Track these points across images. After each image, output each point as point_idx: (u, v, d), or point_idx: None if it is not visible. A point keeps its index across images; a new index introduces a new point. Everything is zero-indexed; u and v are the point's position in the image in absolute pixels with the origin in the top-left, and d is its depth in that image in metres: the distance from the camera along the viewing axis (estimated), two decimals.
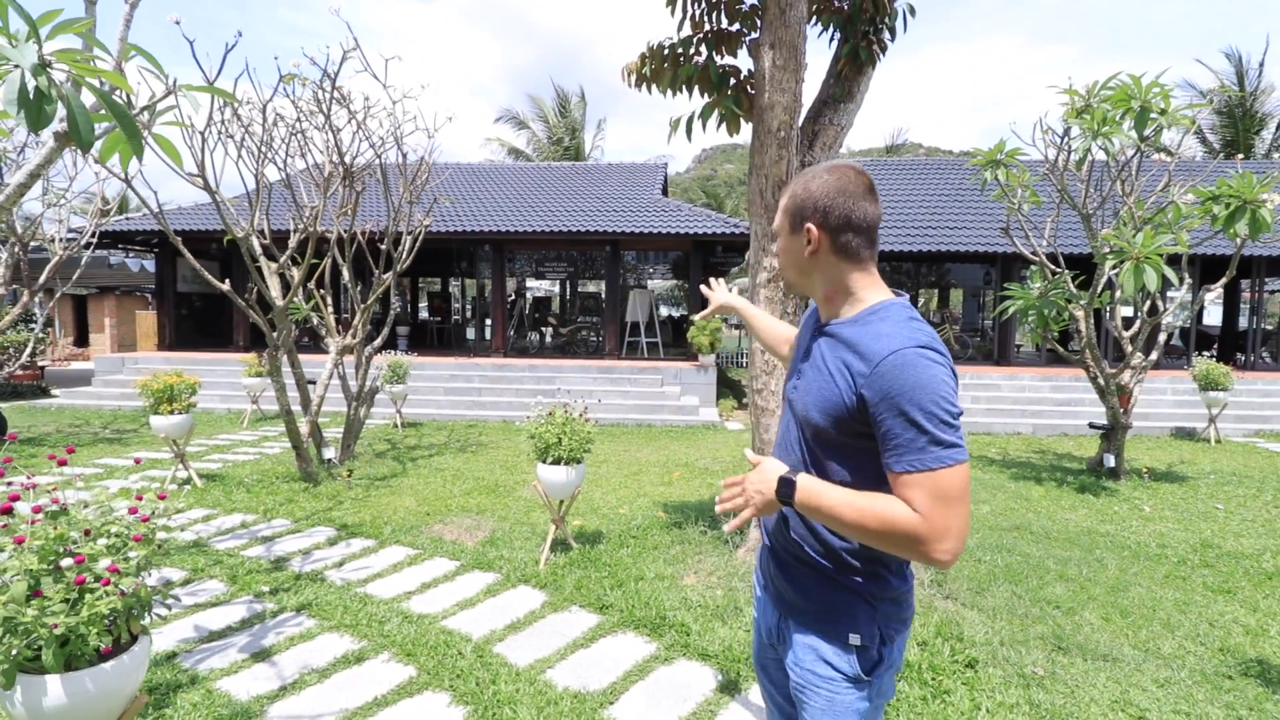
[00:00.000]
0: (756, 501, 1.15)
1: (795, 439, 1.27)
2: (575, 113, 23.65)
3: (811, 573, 1.24)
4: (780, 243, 1.28)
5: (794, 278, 1.28)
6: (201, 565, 3.98)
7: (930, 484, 1.03)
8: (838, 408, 1.14)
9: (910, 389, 1.04)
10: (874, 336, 1.12)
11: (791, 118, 3.38)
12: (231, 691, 2.66)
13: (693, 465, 7.02)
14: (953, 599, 3.51)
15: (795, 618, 1.27)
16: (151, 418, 5.80)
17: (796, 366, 1.32)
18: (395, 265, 6.74)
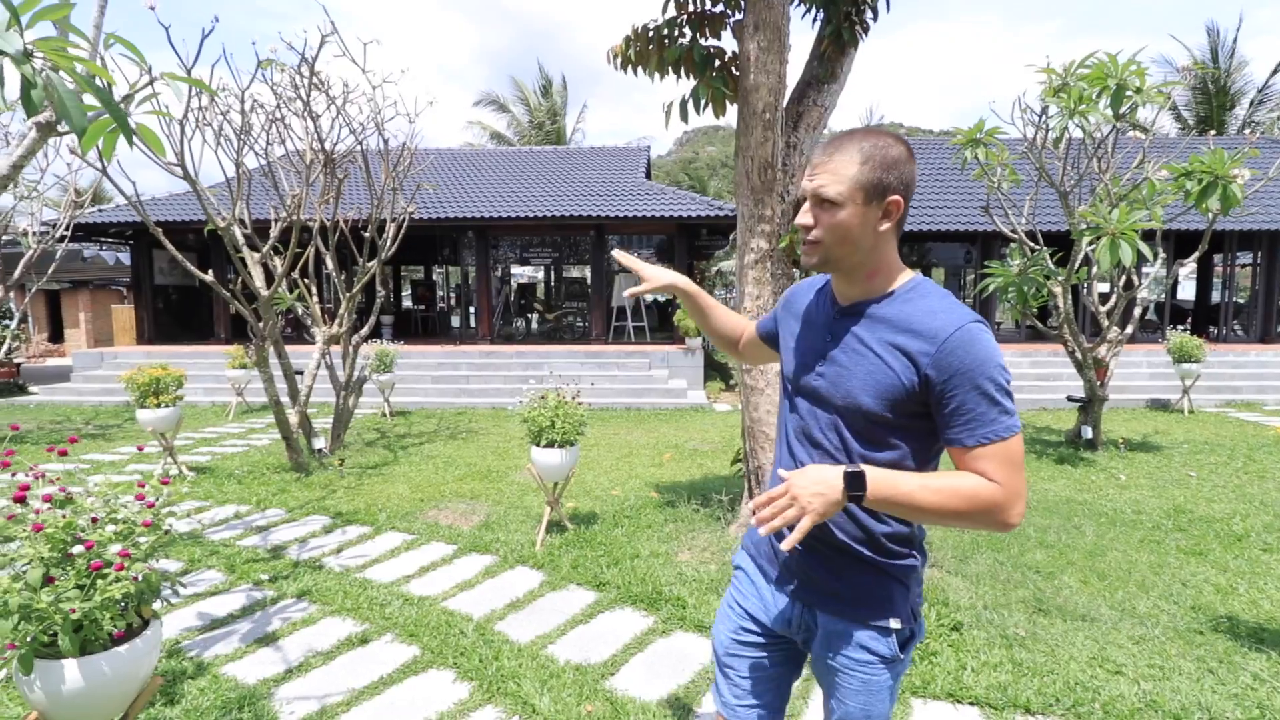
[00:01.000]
0: (817, 506, 1.04)
1: (827, 428, 1.20)
2: (556, 96, 23.40)
3: (849, 560, 1.20)
4: (843, 215, 1.11)
5: (844, 253, 1.15)
6: (198, 556, 3.99)
7: (1004, 453, 1.06)
8: (895, 390, 1.11)
9: (981, 363, 1.07)
10: (928, 314, 1.12)
11: (776, 99, 3.41)
12: (238, 676, 2.70)
13: (683, 447, 7.10)
14: (938, 567, 3.63)
15: (827, 607, 1.23)
16: (139, 411, 5.75)
17: (815, 354, 1.23)
18: (380, 253, 6.70)
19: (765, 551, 1.34)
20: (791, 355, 1.31)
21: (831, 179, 1.11)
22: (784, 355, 1.35)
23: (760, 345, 1.52)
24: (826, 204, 1.13)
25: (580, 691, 2.55)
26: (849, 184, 1.11)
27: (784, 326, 1.37)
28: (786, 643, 1.34)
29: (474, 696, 2.54)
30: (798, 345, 1.30)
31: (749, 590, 1.36)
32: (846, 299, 1.22)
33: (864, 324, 1.17)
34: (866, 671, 1.21)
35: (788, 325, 1.35)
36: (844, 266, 1.17)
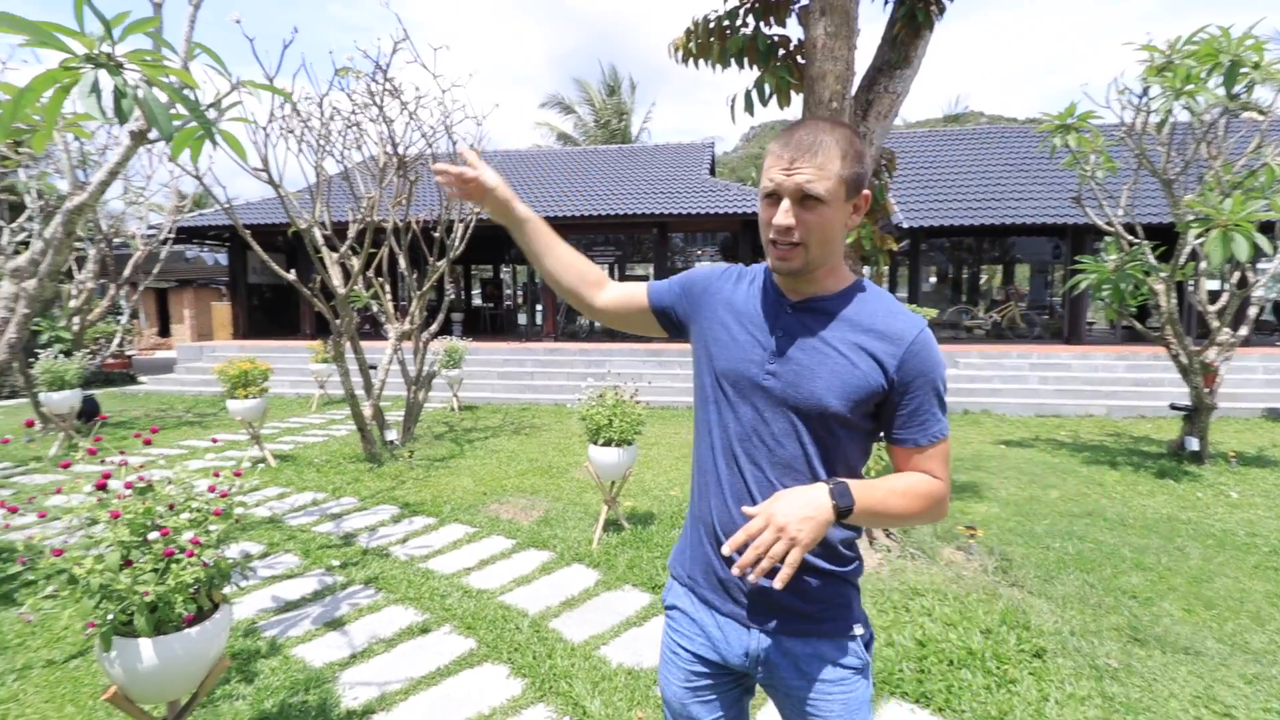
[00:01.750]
0: (808, 533, 0.96)
1: (783, 435, 1.11)
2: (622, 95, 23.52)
3: (810, 574, 1.12)
4: (828, 213, 1.04)
5: (824, 255, 1.08)
6: (277, 540, 4.22)
7: (945, 452, 1.12)
8: (862, 390, 1.07)
9: (936, 366, 1.09)
10: (889, 315, 1.10)
11: (844, 87, 3.25)
12: (306, 658, 2.81)
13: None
14: (1019, 586, 3.38)
15: (792, 629, 1.13)
16: (229, 402, 6.15)
17: (761, 351, 1.12)
18: (448, 253, 6.89)
19: (709, 581, 1.19)
20: (723, 350, 1.17)
21: (818, 174, 1.02)
22: (711, 349, 1.19)
23: (643, 315, 1.32)
24: (812, 202, 1.03)
25: (631, 696, 2.51)
26: (835, 180, 1.03)
27: (704, 314, 1.22)
28: (743, 676, 1.22)
29: (526, 694, 2.55)
30: (733, 340, 1.16)
31: (690, 630, 1.22)
32: (798, 294, 1.14)
33: (822, 320, 1.11)
34: (845, 689, 1.13)
35: (711, 314, 1.21)
36: (808, 267, 1.08)
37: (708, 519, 1.18)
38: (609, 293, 1.33)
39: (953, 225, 11.41)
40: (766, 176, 1.06)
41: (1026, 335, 12.78)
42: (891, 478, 1.10)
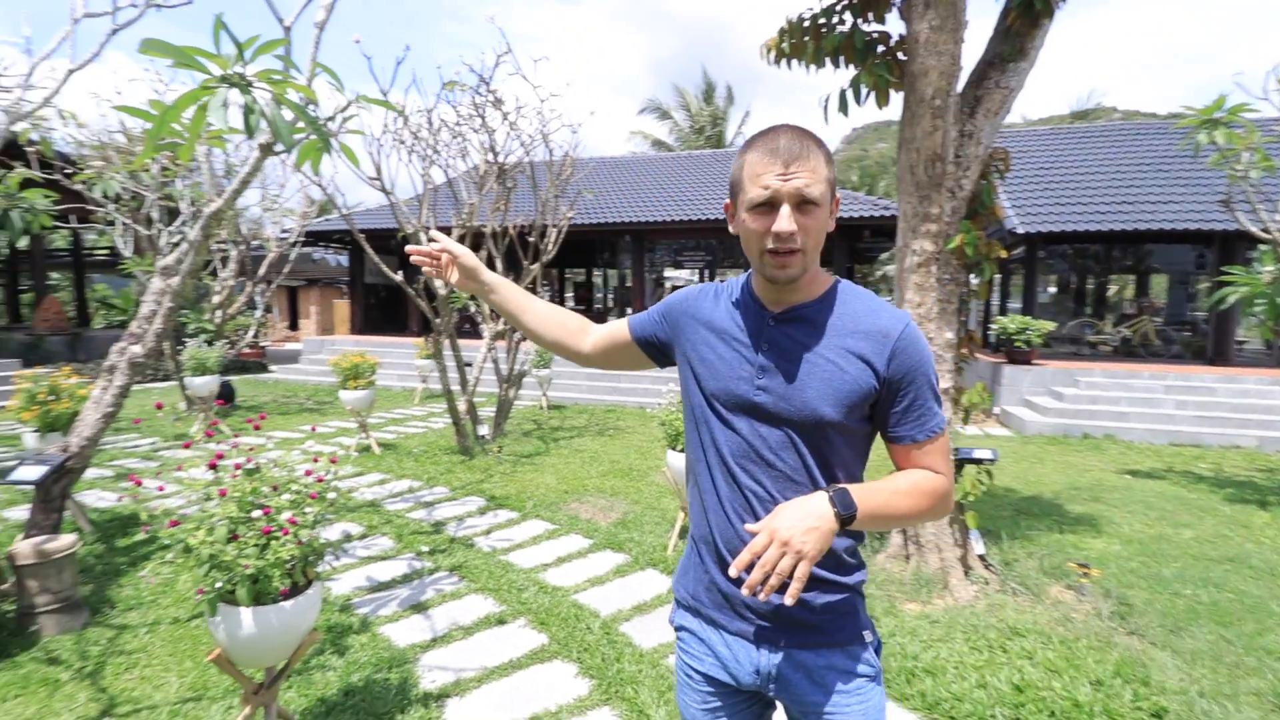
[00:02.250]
0: (813, 545, 0.95)
1: (780, 448, 1.09)
2: (718, 100, 23.40)
3: (817, 586, 1.10)
4: (822, 216, 1.05)
5: (813, 258, 1.08)
6: (375, 523, 4.51)
7: (944, 445, 1.11)
8: (854, 394, 1.06)
9: (927, 358, 1.09)
10: (871, 313, 1.09)
11: (949, 83, 3.05)
12: (392, 637, 2.98)
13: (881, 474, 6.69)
14: (1139, 635, 3.01)
15: (803, 642, 1.11)
16: (341, 392, 6.66)
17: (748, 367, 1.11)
18: (541, 257, 7.11)
19: (713, 600, 1.16)
20: (711, 370, 1.15)
21: (812, 178, 1.02)
22: (697, 370, 1.18)
23: (629, 350, 1.33)
24: (809, 206, 1.03)
25: None
26: (825, 184, 1.04)
27: (686, 336, 1.21)
28: (758, 696, 1.19)
29: (593, 695, 2.57)
30: (719, 359, 1.15)
31: (700, 651, 1.19)
32: (780, 305, 1.13)
33: (807, 330, 1.10)
34: (862, 698, 1.11)
35: (693, 335, 1.20)
36: (801, 274, 1.07)
37: (710, 538, 1.16)
38: (594, 337, 1.35)
39: (1077, 231, 10.43)
40: (758, 185, 1.03)
41: (1162, 353, 11.45)
42: (893, 477, 1.10)
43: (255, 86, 2.35)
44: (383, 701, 2.47)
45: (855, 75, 3.38)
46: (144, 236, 8.67)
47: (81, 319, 15.05)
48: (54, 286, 17.01)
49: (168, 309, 3.50)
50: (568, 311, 1.37)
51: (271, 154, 3.17)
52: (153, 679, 2.61)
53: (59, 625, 2.90)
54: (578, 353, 1.35)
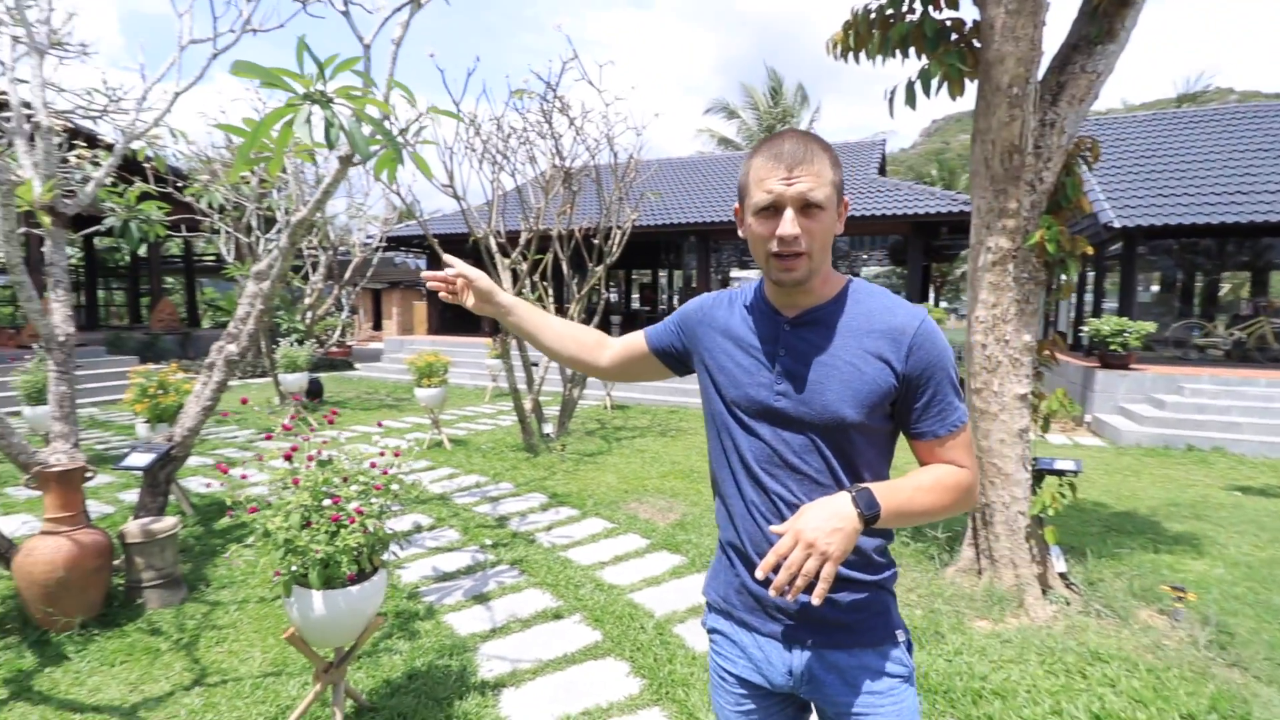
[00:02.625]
0: (838, 546, 0.95)
1: (804, 451, 1.09)
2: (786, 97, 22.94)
3: (847, 586, 1.11)
4: (827, 219, 1.05)
5: (823, 261, 1.08)
6: (444, 515, 4.71)
7: (967, 438, 1.12)
8: (874, 394, 1.06)
9: (945, 352, 1.08)
10: (886, 311, 1.09)
11: (1027, 70, 2.87)
12: (454, 626, 3.10)
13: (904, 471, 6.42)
14: (1241, 668, 2.73)
15: (835, 642, 1.11)
16: (416, 389, 7.00)
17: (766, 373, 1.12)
18: (605, 259, 7.21)
19: (744, 603, 1.17)
20: (730, 378, 1.16)
21: (816, 182, 1.03)
22: (716, 378, 1.19)
23: (648, 361, 1.34)
24: (814, 209, 1.04)
25: None
26: (830, 186, 1.04)
27: (704, 344, 1.22)
28: (792, 698, 1.20)
29: (644, 694, 2.58)
30: (738, 366, 1.15)
31: (733, 653, 1.20)
32: (795, 309, 1.13)
33: (823, 332, 1.10)
34: (895, 699, 1.11)
35: (710, 343, 1.21)
36: (810, 277, 1.08)
37: (738, 542, 1.17)
38: (611, 351, 1.37)
39: (1182, 224, 9.56)
40: (761, 189, 1.05)
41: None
42: (916, 473, 1.09)
43: (335, 102, 2.51)
44: (443, 687, 2.57)
45: (924, 66, 3.23)
46: (244, 244, 9.39)
47: (192, 319, 16.46)
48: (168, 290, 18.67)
49: (260, 311, 3.78)
50: (584, 327, 1.41)
51: (351, 165, 3.37)
52: (239, 653, 2.83)
53: (161, 599, 3.19)
54: (595, 367, 1.37)
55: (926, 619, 3.13)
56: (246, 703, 2.47)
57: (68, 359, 3.36)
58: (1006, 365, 3.31)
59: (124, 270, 17.21)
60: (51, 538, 2.91)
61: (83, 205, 3.63)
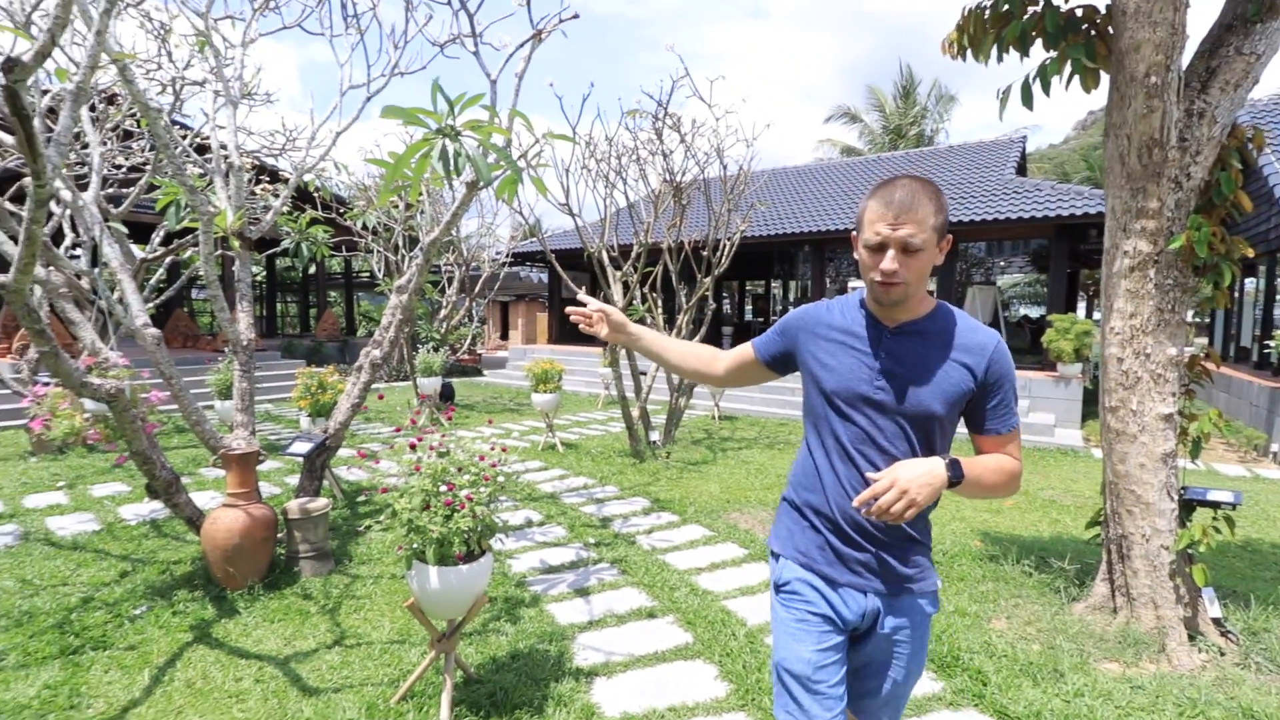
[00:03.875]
0: (924, 495, 1.22)
1: (894, 437, 1.35)
2: (918, 97, 21.74)
3: (914, 545, 1.41)
4: (925, 258, 1.29)
5: (919, 289, 1.33)
6: (553, 513, 4.99)
7: (1019, 436, 1.42)
8: (958, 393, 1.34)
9: (1012, 369, 1.38)
10: (970, 331, 1.37)
11: (1167, 57, 2.60)
12: (555, 615, 3.31)
13: (1034, 495, 5.90)
14: None
15: (900, 590, 1.40)
16: (533, 395, 7.45)
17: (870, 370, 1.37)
18: (713, 270, 7.28)
19: (826, 558, 1.43)
20: (831, 372, 1.41)
21: (918, 229, 1.26)
22: (817, 373, 1.44)
23: (757, 369, 1.62)
24: (914, 252, 1.28)
25: None
26: (929, 232, 1.27)
27: (806, 347, 1.48)
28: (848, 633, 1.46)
29: (730, 698, 2.61)
30: (840, 363, 1.41)
31: (815, 599, 1.43)
32: (894, 321, 1.38)
33: (920, 341, 1.36)
34: (922, 630, 1.44)
35: (813, 345, 1.46)
36: (906, 301, 1.33)
37: (826, 509, 1.42)
38: (725, 363, 1.65)
39: None
40: (871, 230, 1.29)
41: None
42: (985, 458, 1.38)
43: (463, 135, 2.83)
44: (541, 669, 2.77)
45: (1045, 61, 3.02)
46: (392, 261, 10.49)
47: (350, 329, 18.54)
48: (331, 303, 21.11)
49: (400, 320, 4.26)
50: (699, 345, 1.72)
51: (477, 190, 3.73)
52: (372, 621, 3.21)
53: (312, 569, 3.69)
54: (714, 377, 1.67)
55: (1044, 655, 2.88)
56: (375, 664, 2.81)
57: (249, 360, 3.99)
58: (1147, 381, 2.99)
59: (296, 285, 19.78)
60: (231, 509, 3.47)
61: (265, 230, 4.30)
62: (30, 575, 3.69)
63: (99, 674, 2.75)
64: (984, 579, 3.75)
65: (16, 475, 5.78)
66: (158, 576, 3.68)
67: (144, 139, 6.11)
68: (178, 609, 3.29)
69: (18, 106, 2.06)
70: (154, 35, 4.91)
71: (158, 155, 4.66)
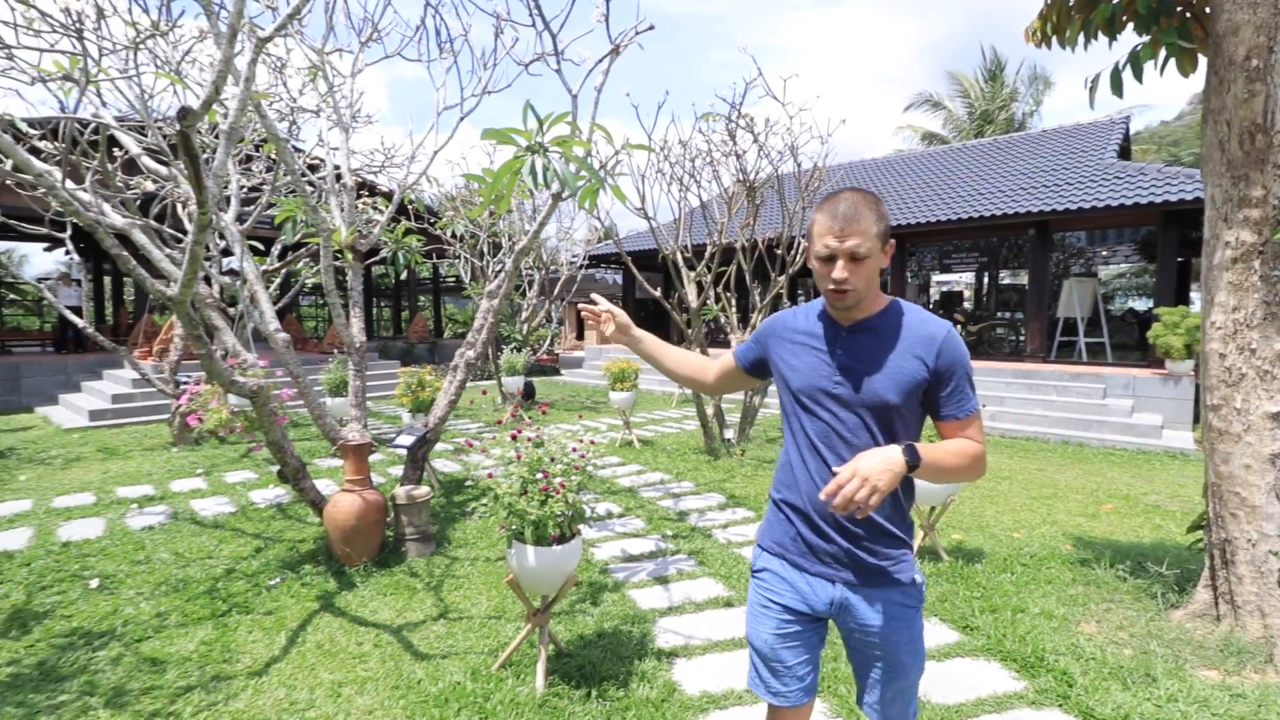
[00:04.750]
0: (886, 482, 1.25)
1: (855, 429, 1.44)
2: (1006, 79, 20.56)
3: (886, 538, 1.46)
4: (870, 264, 1.40)
5: (868, 291, 1.43)
6: (631, 506, 5.21)
7: (979, 421, 1.45)
8: (912, 383, 1.41)
9: (964, 355, 1.44)
10: (921, 323, 1.45)
11: (1269, 39, 2.47)
12: (636, 600, 3.50)
13: (1135, 499, 5.58)
14: None
15: (872, 581, 1.46)
16: (610, 393, 7.71)
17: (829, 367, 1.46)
18: (787, 268, 7.29)
19: (797, 548, 1.52)
20: (799, 372, 1.52)
21: (862, 239, 1.38)
22: (785, 374, 1.55)
23: (740, 376, 1.72)
24: (860, 260, 1.39)
25: None
26: (873, 240, 1.39)
27: (775, 351, 1.59)
28: (821, 623, 1.56)
29: None
30: (803, 363, 1.52)
31: (782, 587, 1.54)
32: (849, 320, 1.48)
33: (873, 337, 1.45)
34: (909, 622, 1.47)
35: (781, 349, 1.57)
36: (858, 303, 1.44)
37: (799, 502, 1.52)
38: (714, 371, 1.78)
39: None
40: (821, 243, 1.41)
41: None
42: (945, 442, 1.44)
43: (550, 151, 3.07)
44: (625, 648, 2.96)
45: (1136, 47, 2.92)
46: (478, 267, 11.08)
47: (437, 331, 19.61)
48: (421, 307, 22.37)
49: (490, 323, 4.59)
50: (695, 354, 1.84)
51: (561, 199, 3.99)
52: (471, 598, 3.51)
53: (417, 550, 4.06)
54: (705, 384, 1.79)
55: (1136, 659, 2.81)
56: (475, 636, 3.10)
57: (361, 361, 4.42)
58: (1253, 378, 2.84)
59: (390, 291, 21.14)
60: (349, 494, 3.88)
61: (372, 243, 4.75)
62: (181, 549, 4.26)
63: (244, 634, 3.17)
64: (1074, 583, 3.64)
65: (162, 464, 6.60)
66: (286, 553, 4.16)
67: (261, 161, 6.81)
68: (305, 581, 3.73)
69: (189, 147, 2.45)
70: (273, 69, 5.49)
71: (276, 175, 5.23)
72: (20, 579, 3.78)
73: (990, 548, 4.27)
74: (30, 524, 4.73)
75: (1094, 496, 5.67)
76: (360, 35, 4.84)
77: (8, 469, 6.38)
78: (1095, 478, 6.38)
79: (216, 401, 4.28)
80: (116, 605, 3.46)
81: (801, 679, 1.55)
